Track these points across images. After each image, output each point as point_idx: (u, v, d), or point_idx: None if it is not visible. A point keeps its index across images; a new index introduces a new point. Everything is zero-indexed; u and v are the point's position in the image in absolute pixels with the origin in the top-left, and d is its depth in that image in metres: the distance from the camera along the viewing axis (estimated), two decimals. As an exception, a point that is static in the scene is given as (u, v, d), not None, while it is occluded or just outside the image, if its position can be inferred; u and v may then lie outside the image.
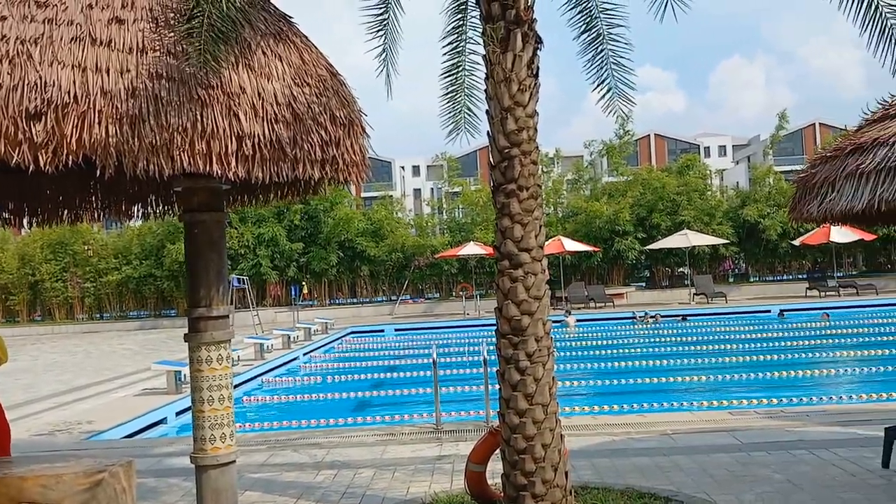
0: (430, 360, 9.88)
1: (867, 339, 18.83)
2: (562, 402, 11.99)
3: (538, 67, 5.26)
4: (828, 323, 22.15)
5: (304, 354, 20.49)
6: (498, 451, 5.37)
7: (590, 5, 6.33)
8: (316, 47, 5.23)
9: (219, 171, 4.40)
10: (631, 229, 33.04)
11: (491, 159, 5.22)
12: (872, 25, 4.81)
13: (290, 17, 5.26)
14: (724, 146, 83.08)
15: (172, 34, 4.51)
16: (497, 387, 5.21)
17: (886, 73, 5.61)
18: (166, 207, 6.54)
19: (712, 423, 8.63)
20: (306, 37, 5.22)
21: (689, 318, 25.77)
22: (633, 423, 8.87)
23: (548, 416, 5.12)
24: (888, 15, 4.76)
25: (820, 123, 70.37)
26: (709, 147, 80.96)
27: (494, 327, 5.25)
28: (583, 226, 33.85)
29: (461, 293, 32.57)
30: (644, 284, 36.48)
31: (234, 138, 4.40)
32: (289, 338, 21.17)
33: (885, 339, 18.21)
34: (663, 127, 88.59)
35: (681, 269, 34.92)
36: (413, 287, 36.59)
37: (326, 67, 5.12)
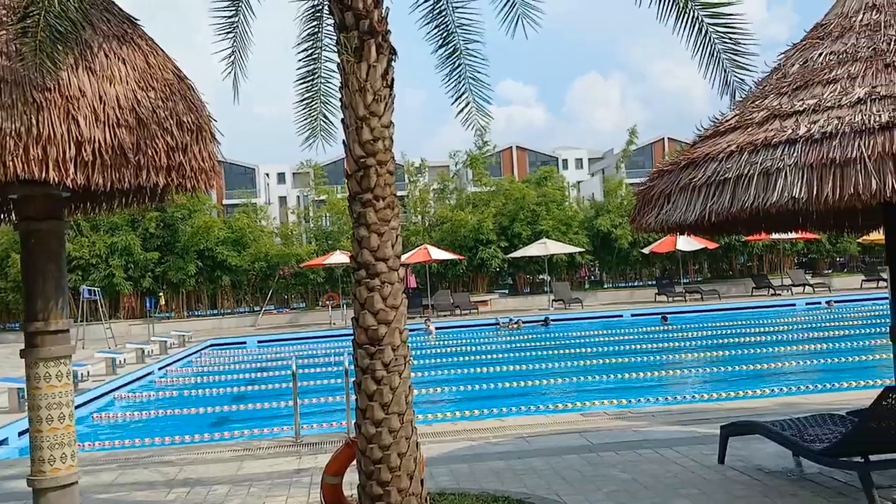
0: (296, 371, 9.72)
1: (709, 341, 20.07)
2: (424, 410, 12.09)
3: (393, 78, 5.30)
4: (668, 326, 23.44)
5: (160, 369, 19.67)
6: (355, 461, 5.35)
7: (446, 20, 6.46)
8: (163, 51, 5.06)
9: (56, 178, 4.18)
10: (494, 238, 33.80)
11: (347, 169, 5.22)
12: (703, 49, 5.17)
13: (136, 20, 5.07)
14: (581, 159, 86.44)
15: (4, 33, 4.25)
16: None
17: (740, 90, 6.04)
18: (3, 215, 6.14)
19: (566, 425, 8.95)
20: (152, 40, 5.04)
21: (549, 322, 26.63)
22: (492, 428, 9.05)
23: (404, 424, 5.15)
24: (716, 41, 5.13)
25: (668, 138, 74.43)
26: (567, 160, 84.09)
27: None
28: (449, 234, 34.33)
29: (327, 303, 32.25)
30: (507, 291, 37.41)
31: (72, 143, 4.19)
32: (143, 352, 20.26)
33: (725, 341, 19.46)
34: (525, 139, 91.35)
35: (541, 277, 36.03)
36: (277, 297, 35.89)
37: (174, 71, 4.97)
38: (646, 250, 32.96)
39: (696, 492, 5.99)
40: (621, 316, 27.93)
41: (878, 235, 10.18)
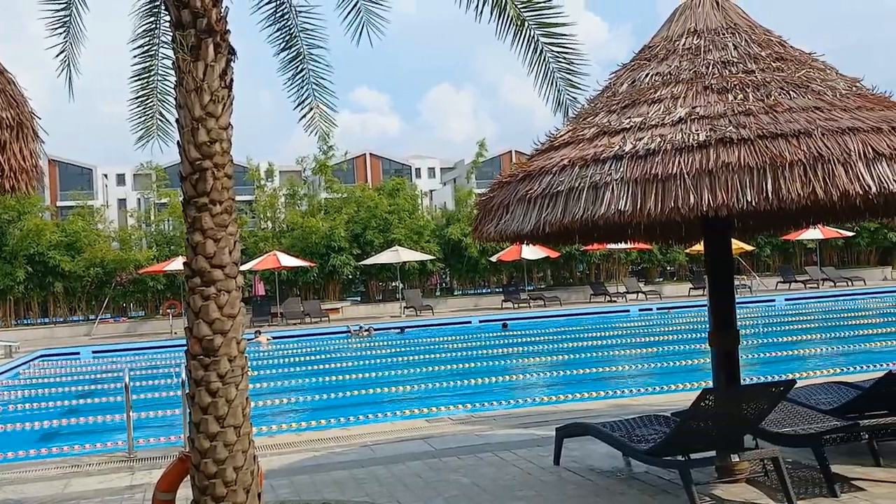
0: (129, 384, 9.22)
1: (551, 346, 20.84)
2: (268, 421, 11.80)
3: (232, 79, 5.16)
4: (511, 332, 24.16)
5: (-19, 382, 18.19)
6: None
7: (289, 24, 6.37)
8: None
9: None
10: (346, 245, 33.60)
11: (182, 171, 5.02)
12: (539, 67, 5.36)
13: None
14: (434, 168, 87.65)
15: None
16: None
17: (573, 108, 6.29)
18: None
19: (411, 431, 9.00)
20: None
21: (404, 329, 26.80)
22: (337, 438, 8.97)
23: (241, 437, 5.00)
24: (551, 60, 5.34)
25: (515, 151, 76.79)
26: (420, 168, 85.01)
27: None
28: (299, 241, 33.80)
29: (168, 311, 30.88)
30: (359, 299, 37.27)
31: None
32: (-39, 364, 18.66)
33: (565, 345, 20.26)
34: (380, 147, 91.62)
35: (393, 284, 36.16)
36: (114, 305, 34.03)
37: (-11, 64, 4.61)
38: (493, 258, 33.81)
39: (532, 493, 6.18)
40: (469, 322, 28.47)
41: (701, 246, 10.88)
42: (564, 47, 5.39)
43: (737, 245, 31.21)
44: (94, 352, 25.23)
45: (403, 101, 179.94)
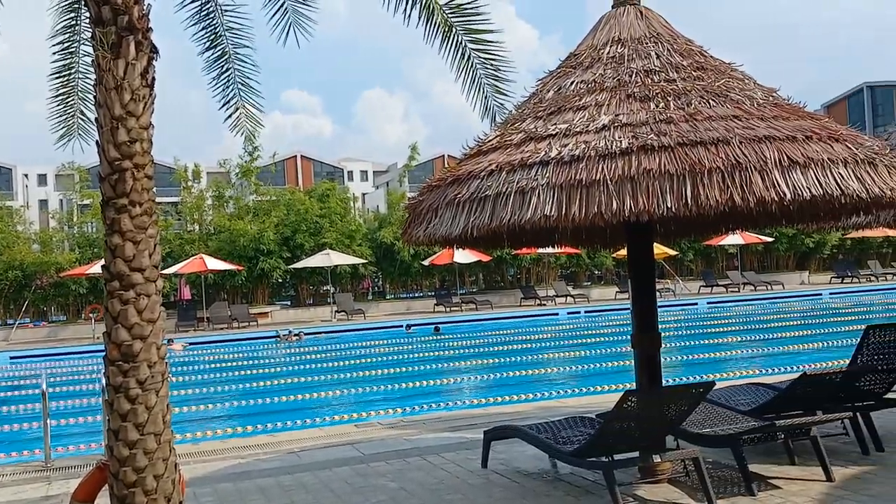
0: (46, 390, 8.89)
1: (481, 349, 20.95)
2: (192, 428, 11.55)
3: (154, 78, 5.03)
4: (442, 336, 24.25)
5: None
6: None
7: (215, 23, 6.26)
8: None
9: None
10: (276, 249, 33.14)
11: (101, 171, 4.87)
12: (467, 73, 5.39)
13: None
14: (367, 171, 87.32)
15: None
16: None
17: (500, 114, 6.33)
18: None
19: (339, 437, 8.92)
20: None
21: (335, 333, 26.57)
22: (263, 444, 8.83)
23: (161, 445, 4.87)
24: (479, 66, 5.37)
25: (448, 155, 77.08)
26: (352, 171, 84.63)
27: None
28: (227, 244, 33.20)
29: (91, 315, 29.93)
30: (289, 303, 36.81)
31: None
32: None
33: (495, 348, 20.40)
34: (313, 149, 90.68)
35: (325, 288, 35.84)
36: (34, 309, 32.82)
37: None
38: (426, 262, 33.85)
39: (458, 496, 6.19)
40: (401, 326, 28.42)
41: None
42: (492, 54, 5.43)
43: (661, 250, 32.02)
44: (11, 357, 24.30)
45: (336, 104, 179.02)
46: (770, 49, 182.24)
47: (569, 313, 30.01)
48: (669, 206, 4.69)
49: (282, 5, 6.04)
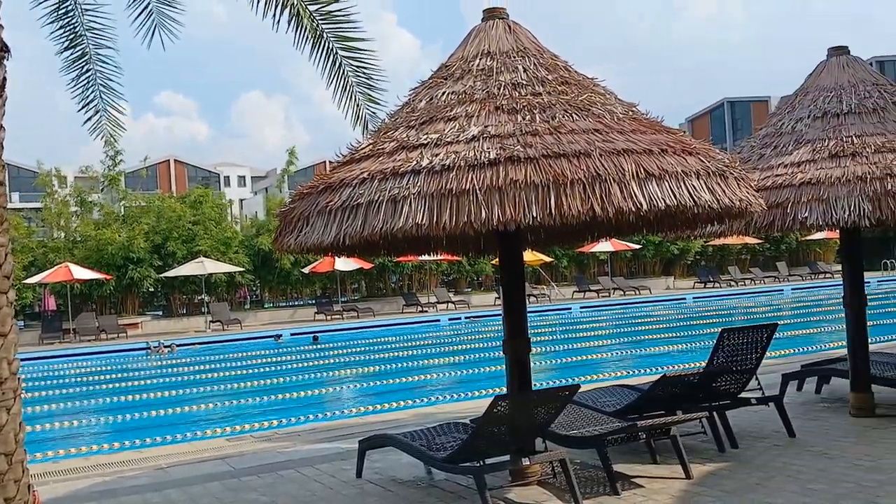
0: None
1: (362, 357, 20.88)
2: (53, 446, 10.94)
3: (5, 78, 4.75)
4: (318, 345, 24.03)
5: None
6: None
7: (74, 22, 5.98)
8: None
9: None
10: (146, 257, 31.88)
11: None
12: (338, 81, 5.37)
13: None
14: (244, 176, 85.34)
15: None
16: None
17: (373, 122, 6.32)
18: None
19: (210, 451, 8.66)
20: None
21: (209, 344, 25.80)
22: (129, 461, 8.46)
23: (12, 466, 4.58)
24: (350, 74, 5.36)
25: (329, 161, 76.51)
26: (229, 176, 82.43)
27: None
28: (94, 252, 31.66)
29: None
30: (161, 313, 35.44)
31: None
32: None
33: (376, 356, 20.37)
34: (187, 153, 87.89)
35: (199, 297, 34.75)
36: None
37: None
38: (306, 270, 33.39)
39: (332, 508, 6.13)
40: (280, 336, 27.90)
41: None
42: (364, 62, 5.44)
43: (537, 257, 32.88)
44: None
45: (214, 107, 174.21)
46: (644, 63, 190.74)
47: (450, 319, 30.31)
48: (535, 215, 4.83)
49: (146, 6, 5.84)
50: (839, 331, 9.14)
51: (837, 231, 8.06)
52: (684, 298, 34.93)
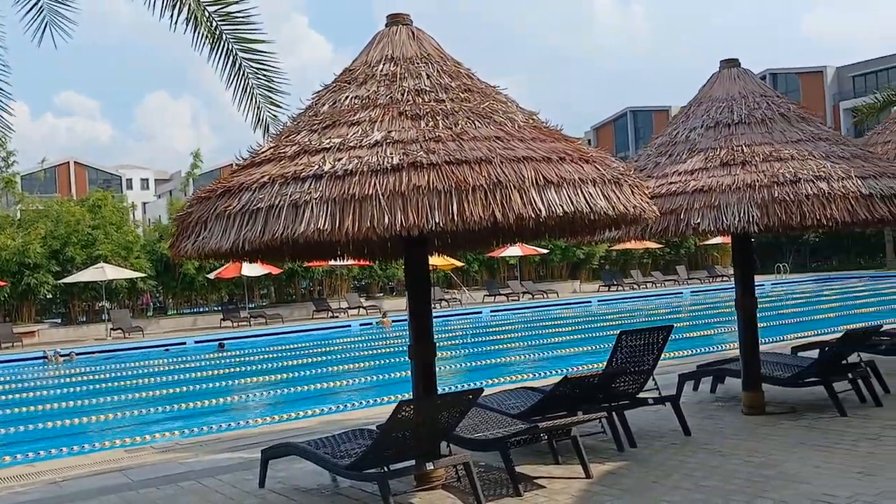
0: None
1: (269, 364, 20.53)
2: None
3: None
4: (228, 352, 23.54)
5: None
6: None
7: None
8: None
9: None
10: (43, 262, 30.50)
11: None
12: (238, 83, 5.28)
13: None
14: (148, 179, 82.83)
15: None
16: None
17: (274, 126, 6.21)
18: None
19: (107, 464, 8.34)
20: None
21: (109, 353, 24.87)
22: (19, 475, 8.06)
23: None
24: (251, 76, 5.28)
25: (237, 164, 75.06)
26: (132, 179, 79.81)
27: None
28: (-14, 258, 30.12)
29: None
30: (60, 321, 33.93)
31: None
32: None
33: (284, 364, 20.05)
34: (88, 155, 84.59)
35: (100, 304, 33.46)
36: None
37: None
38: (211, 275, 32.62)
39: (234, 519, 6.01)
40: (185, 343, 27.18)
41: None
42: (265, 64, 5.36)
43: (449, 262, 33.09)
44: None
45: (116, 107, 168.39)
46: (557, 73, 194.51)
47: (361, 325, 30.13)
48: (437, 221, 4.86)
49: (36, 3, 5.60)
50: (734, 332, 9.53)
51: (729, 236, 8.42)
52: (590, 301, 35.75)
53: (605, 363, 7.48)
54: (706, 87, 8.75)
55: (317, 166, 5.15)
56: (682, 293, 38.14)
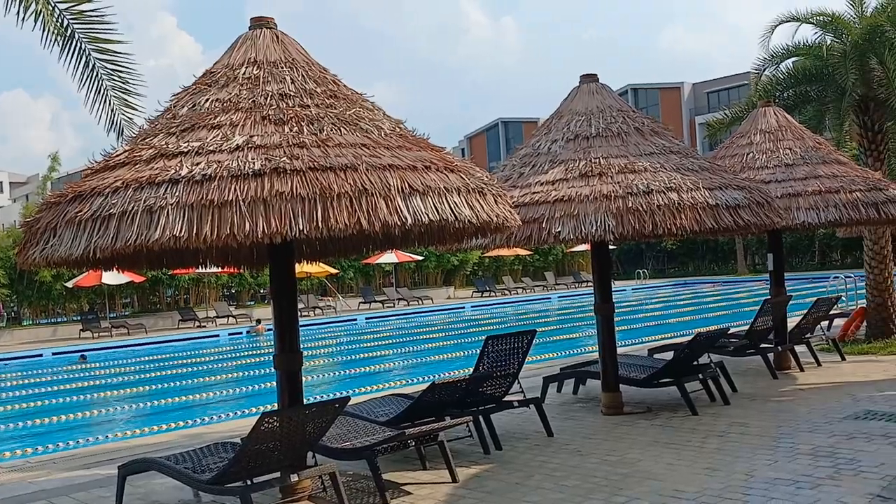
0: None
1: (130, 377, 19.65)
2: None
3: None
4: (88, 364, 22.40)
5: None
6: None
7: None
8: None
9: None
10: None
11: None
12: (91, 84, 5.04)
13: None
14: (2, 182, 77.77)
15: None
16: None
17: (129, 129, 5.95)
18: None
19: (-55, 488, 7.76)
20: None
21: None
22: None
23: None
24: (104, 77, 5.05)
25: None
26: (-18, 181, 74.69)
27: None
28: None
29: None
30: None
31: None
32: None
33: (145, 375, 19.25)
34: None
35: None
36: None
37: None
38: (70, 284, 30.91)
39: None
40: (41, 355, 25.62)
41: (300, 269, 10.88)
42: (120, 65, 5.14)
43: (323, 269, 32.74)
44: None
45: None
46: (432, 82, 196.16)
47: (230, 334, 29.30)
48: (301, 228, 4.81)
49: None
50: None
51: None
52: (463, 307, 36.23)
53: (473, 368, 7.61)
54: (567, 101, 9.07)
55: (174, 170, 4.98)
56: (550, 298, 39.28)
